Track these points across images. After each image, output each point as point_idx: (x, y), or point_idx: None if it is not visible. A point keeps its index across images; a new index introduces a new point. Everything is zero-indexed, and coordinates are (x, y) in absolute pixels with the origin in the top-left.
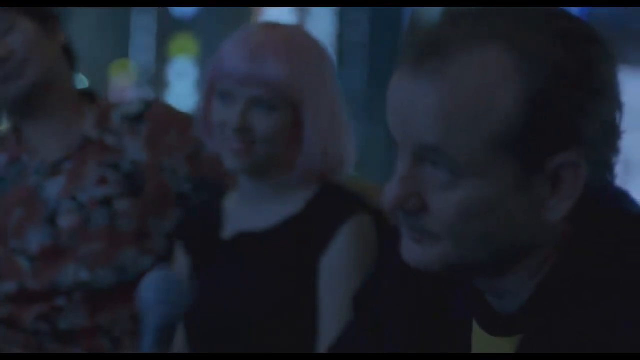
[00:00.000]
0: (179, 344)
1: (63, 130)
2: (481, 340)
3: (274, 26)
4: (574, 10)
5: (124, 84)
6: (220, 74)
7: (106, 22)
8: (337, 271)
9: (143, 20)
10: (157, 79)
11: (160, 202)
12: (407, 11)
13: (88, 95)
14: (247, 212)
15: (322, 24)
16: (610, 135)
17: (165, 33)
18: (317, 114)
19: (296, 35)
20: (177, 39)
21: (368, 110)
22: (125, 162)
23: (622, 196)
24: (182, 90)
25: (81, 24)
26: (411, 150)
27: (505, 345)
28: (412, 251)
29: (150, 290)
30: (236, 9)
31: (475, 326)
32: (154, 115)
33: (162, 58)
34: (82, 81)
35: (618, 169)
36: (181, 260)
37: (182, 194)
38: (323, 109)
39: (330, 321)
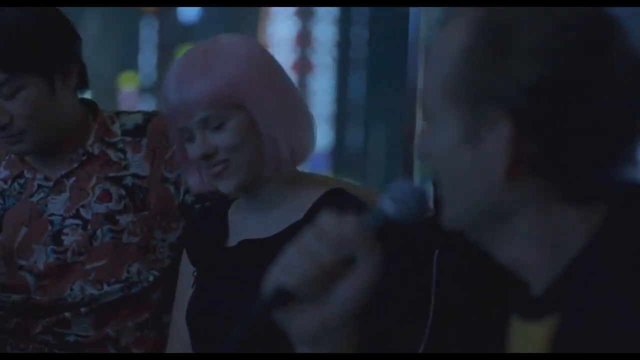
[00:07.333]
0: (184, 345)
1: (66, 146)
2: (517, 331)
3: (197, 46)
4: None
5: (131, 96)
6: (169, 114)
7: (113, 34)
8: None
9: (149, 32)
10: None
11: (165, 215)
12: (407, 11)
13: (90, 107)
14: (251, 221)
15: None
16: (560, 127)
17: (169, 44)
18: (266, 106)
19: (218, 45)
20: (181, 49)
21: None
22: (128, 176)
23: None
24: None
25: (88, 35)
26: None
27: (539, 331)
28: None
29: (403, 196)
30: (240, 20)
31: (513, 318)
32: (155, 128)
33: (166, 68)
34: (87, 94)
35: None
36: (187, 270)
37: (185, 205)
38: (272, 101)
39: None
